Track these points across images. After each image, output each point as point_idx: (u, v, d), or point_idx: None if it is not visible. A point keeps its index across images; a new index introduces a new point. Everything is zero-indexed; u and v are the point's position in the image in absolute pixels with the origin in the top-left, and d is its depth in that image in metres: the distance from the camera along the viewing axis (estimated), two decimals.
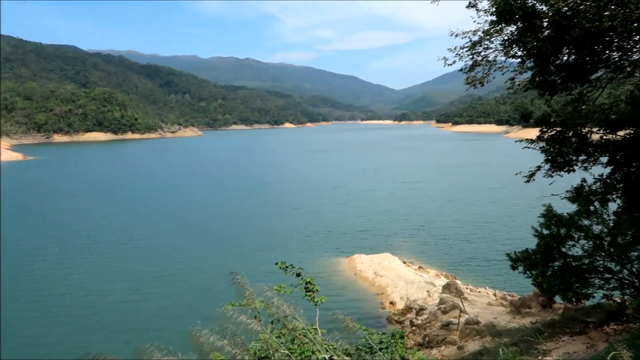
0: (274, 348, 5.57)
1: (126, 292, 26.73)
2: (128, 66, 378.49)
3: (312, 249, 34.91)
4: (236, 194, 60.77)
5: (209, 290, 26.33)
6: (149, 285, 27.75)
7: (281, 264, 7.22)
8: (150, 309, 24.45)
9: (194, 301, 25.10)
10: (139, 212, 49.54)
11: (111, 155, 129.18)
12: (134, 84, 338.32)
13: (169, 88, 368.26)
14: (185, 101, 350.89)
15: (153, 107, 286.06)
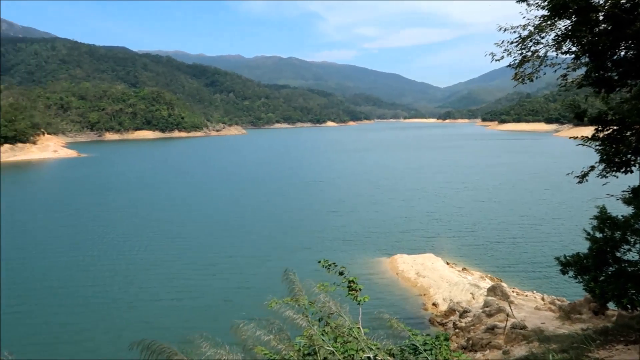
0: (319, 345, 5.60)
1: (176, 286, 27.53)
2: (175, 66, 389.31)
3: (353, 248, 34.85)
4: (278, 192, 61.36)
5: (254, 286, 26.77)
6: (195, 281, 28.45)
7: (324, 262, 7.23)
8: (198, 303, 25.08)
9: (239, 296, 25.57)
10: (185, 209, 50.89)
11: (159, 153, 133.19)
12: (181, 84, 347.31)
13: (214, 87, 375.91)
14: (230, 100, 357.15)
15: (199, 106, 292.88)
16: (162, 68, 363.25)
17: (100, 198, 57.35)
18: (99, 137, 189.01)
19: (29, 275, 29.55)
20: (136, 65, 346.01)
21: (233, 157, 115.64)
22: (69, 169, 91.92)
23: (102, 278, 28.92)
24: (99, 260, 32.41)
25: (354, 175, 76.74)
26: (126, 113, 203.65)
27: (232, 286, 27.37)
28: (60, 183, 74.37)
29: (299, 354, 5.65)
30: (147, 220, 44.55)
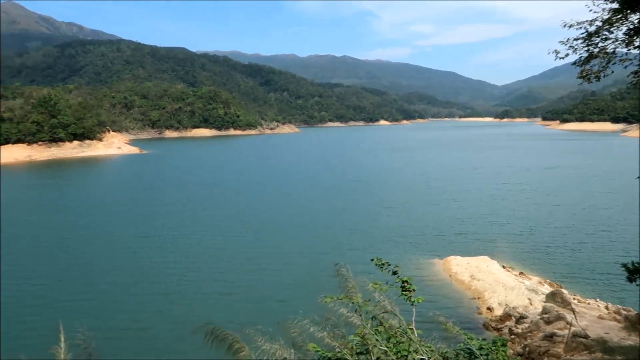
0: (372, 344, 5.61)
1: (227, 281, 28.31)
2: (232, 66, 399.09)
3: (405, 249, 34.47)
4: (329, 190, 61.58)
5: (305, 284, 27.07)
6: (247, 277, 29.11)
7: (377, 261, 7.22)
8: (250, 299, 25.66)
9: (291, 293, 25.94)
10: (239, 205, 52.10)
11: (215, 150, 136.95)
12: (237, 83, 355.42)
13: (268, 86, 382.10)
14: (284, 99, 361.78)
15: (254, 105, 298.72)
16: (219, 68, 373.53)
17: (159, 193, 59.78)
18: (159, 135, 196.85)
19: (96, 266, 31.31)
20: (195, 65, 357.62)
21: (286, 155, 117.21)
22: (131, 164, 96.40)
23: (157, 270, 30.15)
24: (156, 253, 33.82)
25: (407, 174, 75.78)
26: (185, 111, 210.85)
27: (283, 283, 27.78)
28: (124, 178, 78.15)
29: (351, 352, 5.68)
30: (202, 216, 45.98)
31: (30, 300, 25.56)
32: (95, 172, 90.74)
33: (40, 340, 18.76)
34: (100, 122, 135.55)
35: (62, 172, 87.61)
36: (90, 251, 34.56)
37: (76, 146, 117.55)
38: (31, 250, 34.98)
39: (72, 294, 26.43)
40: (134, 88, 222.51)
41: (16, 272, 30.06)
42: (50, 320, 22.09)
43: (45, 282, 28.18)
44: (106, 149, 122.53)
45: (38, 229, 41.92)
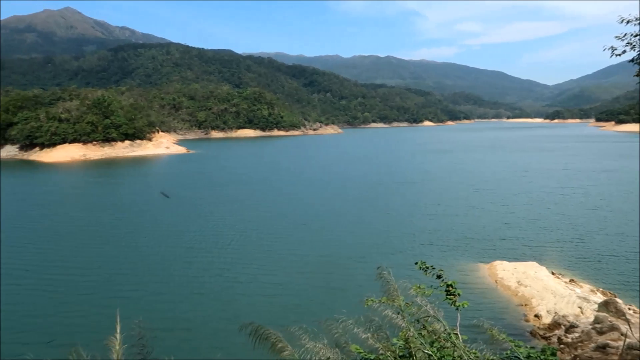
0: (416, 347, 5.56)
1: (269, 282, 28.68)
2: (276, 67, 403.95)
3: (448, 253, 33.84)
4: (371, 192, 61.26)
5: (346, 286, 27.09)
6: (287, 278, 29.40)
7: (421, 264, 7.14)
8: (291, 299, 25.91)
9: (332, 294, 26.00)
10: (280, 206, 52.65)
11: (259, 150, 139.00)
12: (281, 84, 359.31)
13: (312, 87, 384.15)
14: (327, 100, 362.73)
15: (297, 106, 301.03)
16: (263, 69, 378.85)
17: (204, 192, 61.25)
18: (205, 135, 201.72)
19: (144, 261, 32.47)
20: (240, 67, 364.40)
21: (328, 155, 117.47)
22: (179, 164, 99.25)
23: (200, 268, 30.91)
24: (197, 252, 34.68)
25: (451, 177, 74.32)
26: (230, 112, 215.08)
27: (324, 284, 27.85)
28: (171, 177, 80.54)
29: (394, 355, 5.65)
30: (247, 215, 46.75)
31: (85, 290, 26.78)
32: (145, 170, 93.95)
33: (96, 330, 19.67)
34: (150, 123, 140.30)
35: (114, 170, 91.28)
36: (140, 247, 35.87)
37: (127, 146, 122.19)
38: (83, 245, 36.64)
39: (123, 287, 27.50)
40: (182, 89, 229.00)
41: (71, 264, 31.59)
42: (101, 312, 23.12)
43: (97, 276, 29.45)
44: (155, 148, 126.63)
45: (92, 224, 43.86)
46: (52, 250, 35.44)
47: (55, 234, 40.60)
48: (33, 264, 31.89)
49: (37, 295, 26.35)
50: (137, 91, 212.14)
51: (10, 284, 27.99)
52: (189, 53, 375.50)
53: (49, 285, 27.93)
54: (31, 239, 38.54)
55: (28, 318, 23.36)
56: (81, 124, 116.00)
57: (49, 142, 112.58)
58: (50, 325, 22.58)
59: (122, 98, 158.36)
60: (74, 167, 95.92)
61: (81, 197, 61.60)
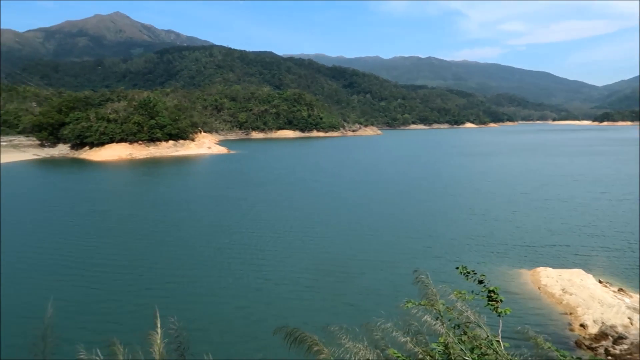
0: (455, 353, 5.53)
1: (304, 283, 28.88)
2: (316, 69, 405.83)
3: (488, 258, 33.11)
4: (409, 195, 60.64)
5: (384, 289, 26.98)
6: (324, 279, 29.51)
7: (462, 269, 7.08)
8: (329, 301, 26.01)
9: (370, 297, 25.95)
10: (317, 207, 52.85)
11: (298, 151, 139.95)
12: (321, 85, 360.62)
13: (352, 88, 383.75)
14: (367, 101, 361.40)
15: (337, 107, 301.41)
16: (304, 70, 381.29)
17: (242, 191, 62.22)
18: (246, 136, 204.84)
19: (184, 259, 33.36)
20: (281, 69, 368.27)
21: (366, 156, 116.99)
22: (220, 163, 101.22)
23: (236, 267, 31.44)
24: (234, 251, 35.28)
25: (492, 180, 72.62)
26: (270, 113, 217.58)
27: (361, 286, 27.80)
28: (213, 176, 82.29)
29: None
30: (282, 215, 47.20)
31: (125, 286, 27.78)
32: (187, 170, 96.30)
33: (132, 325, 20.38)
34: (193, 123, 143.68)
35: (158, 169, 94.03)
36: (179, 245, 36.85)
37: (171, 146, 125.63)
38: (126, 241, 37.98)
39: (161, 284, 28.34)
40: (224, 91, 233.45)
41: (112, 260, 32.83)
42: (137, 308, 23.91)
43: (136, 271, 30.47)
44: (198, 148, 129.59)
45: (135, 221, 45.39)
46: (96, 246, 36.89)
47: (101, 230, 42.25)
48: (77, 259, 33.32)
49: (79, 290, 27.51)
50: (181, 92, 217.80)
51: (56, 279, 29.35)
52: (231, 55, 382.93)
53: (92, 279, 29.10)
54: (78, 235, 40.25)
55: (71, 313, 24.42)
56: (128, 124, 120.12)
57: (98, 141, 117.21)
58: (88, 319, 23.53)
59: (167, 99, 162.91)
60: (120, 166, 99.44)
61: (126, 195, 63.83)
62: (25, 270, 30.90)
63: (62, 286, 27.85)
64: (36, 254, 34.34)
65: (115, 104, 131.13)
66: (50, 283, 28.37)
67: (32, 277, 29.60)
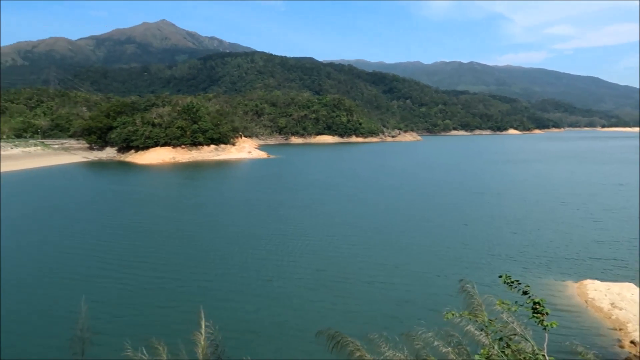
0: None
1: (345, 291, 28.75)
2: (356, 74, 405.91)
3: (532, 269, 32.01)
4: (449, 201, 59.51)
5: (424, 298, 26.57)
6: (364, 286, 29.32)
7: (505, 278, 6.87)
8: (369, 308, 25.82)
9: (410, 306, 25.59)
10: (356, 214, 52.62)
11: (336, 157, 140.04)
12: (360, 91, 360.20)
13: (391, 94, 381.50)
14: (407, 106, 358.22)
15: (376, 113, 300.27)
16: (343, 76, 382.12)
17: (281, 196, 62.72)
18: (285, 141, 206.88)
19: (223, 262, 33.90)
20: (321, 74, 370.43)
21: (405, 162, 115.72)
22: (260, 168, 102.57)
23: (270, 272, 31.64)
24: (268, 255, 35.52)
25: (536, 189, 70.35)
26: (310, 119, 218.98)
27: (400, 295, 27.43)
28: (252, 180, 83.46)
29: None
30: (319, 220, 47.23)
31: (162, 287, 28.45)
32: (228, 173, 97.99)
33: (178, 323, 20.82)
34: (234, 128, 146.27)
35: (200, 172, 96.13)
36: (217, 247, 37.47)
37: (212, 150, 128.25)
38: (165, 243, 38.95)
39: (199, 286, 28.86)
40: (264, 96, 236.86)
41: (152, 261, 33.72)
42: (174, 309, 24.42)
43: (176, 274, 31.15)
44: (238, 153, 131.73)
45: (175, 223, 46.53)
46: (137, 246, 38.01)
47: (143, 231, 43.52)
48: (120, 259, 34.42)
49: (120, 290, 28.38)
50: (223, 98, 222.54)
51: (99, 278, 30.40)
52: (272, 61, 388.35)
53: (132, 280, 29.97)
54: (122, 235, 41.61)
55: (110, 311, 25.21)
56: (172, 129, 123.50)
57: (143, 145, 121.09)
58: (129, 320, 24.20)
59: (209, 104, 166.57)
60: (163, 169, 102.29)
61: (168, 198, 65.59)
62: (66, 268, 32.19)
63: (105, 286, 28.82)
64: (81, 252, 35.72)
65: (160, 109, 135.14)
66: (93, 282, 29.42)
67: (73, 276, 30.77)
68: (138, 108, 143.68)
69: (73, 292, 26.82)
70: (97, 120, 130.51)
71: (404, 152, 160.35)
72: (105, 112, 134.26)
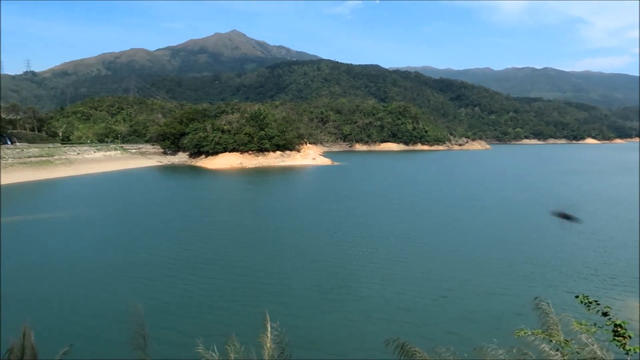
0: None
1: (414, 299, 28.29)
2: (423, 81, 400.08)
3: (610, 289, 29.84)
4: (520, 214, 56.97)
5: (496, 312, 25.64)
6: (427, 300, 28.69)
7: (582, 298, 6.52)
8: (435, 321, 25.27)
9: (478, 321, 24.77)
10: (419, 221, 51.65)
11: (401, 164, 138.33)
12: (427, 98, 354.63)
13: (459, 101, 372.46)
14: (475, 114, 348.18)
15: (443, 120, 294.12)
16: (409, 83, 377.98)
17: (343, 203, 62.78)
18: (349, 148, 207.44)
19: (292, 265, 34.45)
20: (386, 82, 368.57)
21: (473, 171, 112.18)
22: (324, 174, 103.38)
23: (331, 280, 31.63)
24: (334, 263, 35.55)
25: (617, 203, 65.72)
26: (374, 126, 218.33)
27: (466, 310, 26.52)
28: (316, 186, 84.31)
29: None
30: (381, 229, 46.76)
31: (237, 291, 29.30)
32: (292, 179, 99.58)
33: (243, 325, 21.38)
34: (299, 135, 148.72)
35: (266, 178, 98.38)
36: (283, 251, 38.09)
37: (278, 156, 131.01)
38: (231, 247, 40.11)
39: (266, 290, 29.45)
40: (329, 104, 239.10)
41: (218, 264, 34.83)
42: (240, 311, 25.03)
43: (242, 276, 31.97)
44: (303, 159, 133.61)
45: (240, 227, 47.87)
46: (203, 249, 39.43)
47: (209, 234, 45.14)
48: (185, 261, 35.86)
49: (187, 291, 29.52)
50: (289, 105, 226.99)
51: (165, 278, 31.81)
52: (338, 69, 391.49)
53: (198, 282, 31.10)
54: (190, 238, 43.38)
55: (178, 313, 26.27)
56: (240, 135, 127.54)
57: (213, 150, 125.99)
58: (200, 319, 25.10)
59: (276, 112, 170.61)
60: (231, 174, 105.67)
61: (236, 202, 67.64)
62: (134, 267, 33.99)
63: (173, 285, 30.15)
64: (152, 253, 37.63)
65: (229, 116, 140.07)
66: (158, 282, 30.86)
67: (140, 274, 32.42)
68: (209, 115, 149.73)
69: (138, 290, 28.28)
70: (170, 126, 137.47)
71: (472, 161, 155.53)
72: (178, 119, 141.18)
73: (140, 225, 48.89)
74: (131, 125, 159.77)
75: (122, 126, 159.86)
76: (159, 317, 24.15)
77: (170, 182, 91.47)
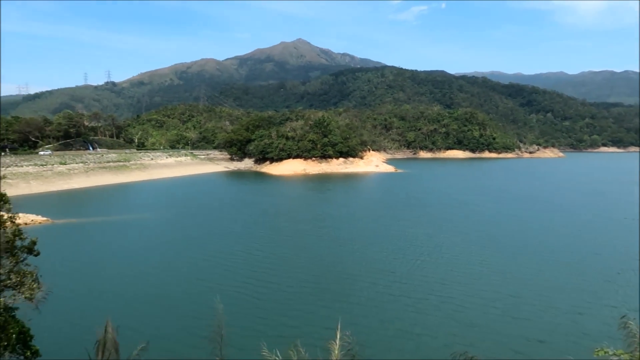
0: None
1: (489, 311, 27.43)
2: (490, 87, 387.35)
3: None
4: (595, 229, 53.60)
5: (572, 327, 24.35)
6: (497, 311, 27.67)
7: None
8: (505, 336, 24.35)
9: (556, 337, 23.62)
10: (485, 230, 49.89)
11: (467, 172, 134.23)
12: (495, 104, 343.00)
13: (530, 107, 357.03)
14: (547, 120, 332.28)
15: (512, 127, 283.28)
16: (477, 89, 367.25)
17: (405, 212, 61.84)
18: (413, 155, 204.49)
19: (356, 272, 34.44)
20: (452, 87, 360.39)
21: (544, 181, 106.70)
22: (387, 182, 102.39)
23: (401, 290, 31.16)
24: (403, 273, 35.03)
25: None
26: (439, 133, 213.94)
27: (546, 323, 25.31)
28: (378, 194, 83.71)
29: None
30: (451, 240, 45.58)
31: (307, 295, 29.67)
32: (355, 186, 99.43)
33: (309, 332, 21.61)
34: (362, 142, 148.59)
35: (328, 184, 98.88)
36: (356, 261, 38.13)
37: (341, 163, 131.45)
38: (285, 252, 40.64)
39: (340, 299, 29.57)
40: (393, 110, 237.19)
41: (282, 268, 35.39)
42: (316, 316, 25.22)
43: (309, 281, 32.30)
44: (366, 166, 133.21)
45: (300, 235, 48.43)
46: (276, 253, 40.23)
47: (276, 240, 46.05)
48: (251, 267, 36.74)
49: (255, 296, 30.20)
50: (352, 112, 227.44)
51: (233, 283, 32.70)
52: (402, 75, 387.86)
53: (270, 286, 31.74)
54: (258, 244, 44.45)
55: (243, 313, 26.91)
56: (303, 142, 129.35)
57: (277, 156, 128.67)
58: (266, 323, 25.60)
59: (339, 118, 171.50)
60: (295, 180, 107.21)
61: (299, 209, 68.53)
62: (202, 270, 35.23)
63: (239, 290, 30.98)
64: (218, 255, 38.92)
65: (294, 123, 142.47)
66: (227, 285, 31.82)
67: (211, 277, 33.55)
68: (274, 122, 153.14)
69: (208, 294, 29.30)
70: (237, 133, 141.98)
71: (543, 169, 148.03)
72: (245, 126, 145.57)
73: (214, 228, 50.84)
74: (200, 132, 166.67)
75: (192, 133, 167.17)
76: (231, 316, 24.88)
77: (238, 187, 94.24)
